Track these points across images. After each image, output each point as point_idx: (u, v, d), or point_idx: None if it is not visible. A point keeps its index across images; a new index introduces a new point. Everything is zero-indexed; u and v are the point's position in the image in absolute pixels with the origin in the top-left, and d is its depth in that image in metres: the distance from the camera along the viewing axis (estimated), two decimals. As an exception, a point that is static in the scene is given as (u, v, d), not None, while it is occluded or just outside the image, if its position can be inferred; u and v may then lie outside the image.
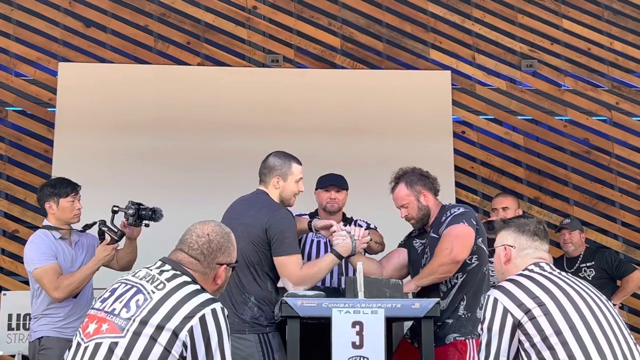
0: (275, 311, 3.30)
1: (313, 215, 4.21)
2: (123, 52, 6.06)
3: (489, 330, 2.46)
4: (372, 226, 4.18)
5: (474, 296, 3.44)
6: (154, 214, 3.74)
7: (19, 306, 5.44)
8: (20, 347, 5.37)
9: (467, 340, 3.37)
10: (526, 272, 2.59)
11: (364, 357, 2.95)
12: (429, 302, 3.12)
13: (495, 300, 2.47)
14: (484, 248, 3.52)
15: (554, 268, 2.64)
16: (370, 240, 3.65)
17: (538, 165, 6.26)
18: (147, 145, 5.78)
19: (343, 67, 6.22)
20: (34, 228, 5.74)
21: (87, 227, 3.94)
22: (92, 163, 5.67)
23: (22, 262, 5.53)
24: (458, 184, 6.06)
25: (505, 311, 2.43)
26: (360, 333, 2.97)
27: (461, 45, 6.35)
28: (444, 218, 3.51)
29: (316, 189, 4.23)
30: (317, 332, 3.23)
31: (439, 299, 3.21)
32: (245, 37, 6.20)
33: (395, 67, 6.29)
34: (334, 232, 3.55)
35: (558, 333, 2.37)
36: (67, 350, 2.38)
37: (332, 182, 4.17)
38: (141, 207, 3.76)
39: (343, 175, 4.22)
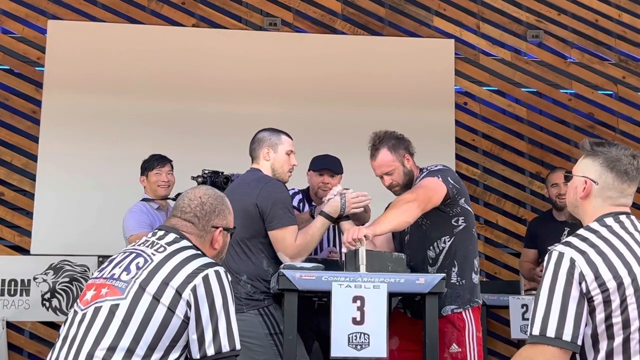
0: (272, 284, 3.14)
1: (305, 194, 4.04)
2: (115, 10, 5.82)
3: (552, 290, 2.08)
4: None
5: (465, 260, 3.26)
6: (227, 181, 3.71)
7: (1, 271, 5.28)
8: (5, 314, 5.23)
9: (464, 313, 3.22)
10: (605, 232, 2.20)
11: (364, 334, 2.81)
12: (434, 278, 2.97)
13: (573, 262, 2.10)
14: (469, 209, 3.32)
15: (636, 223, 2.28)
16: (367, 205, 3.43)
17: (541, 139, 6.10)
18: (138, 107, 5.57)
19: (343, 33, 6.01)
20: (21, 191, 5.57)
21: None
22: (80, 124, 5.48)
23: (7, 227, 5.42)
24: (458, 157, 5.90)
25: (582, 276, 2.07)
26: (361, 308, 2.82)
27: (466, 13, 6.14)
28: (421, 175, 3.32)
29: (309, 170, 4.00)
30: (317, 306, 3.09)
31: (444, 274, 3.04)
32: (242, -1, 5.98)
33: (397, 34, 6.09)
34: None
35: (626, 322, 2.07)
36: (64, 324, 2.24)
37: (327, 166, 3.92)
38: (219, 173, 3.83)
39: (338, 158, 3.98)
